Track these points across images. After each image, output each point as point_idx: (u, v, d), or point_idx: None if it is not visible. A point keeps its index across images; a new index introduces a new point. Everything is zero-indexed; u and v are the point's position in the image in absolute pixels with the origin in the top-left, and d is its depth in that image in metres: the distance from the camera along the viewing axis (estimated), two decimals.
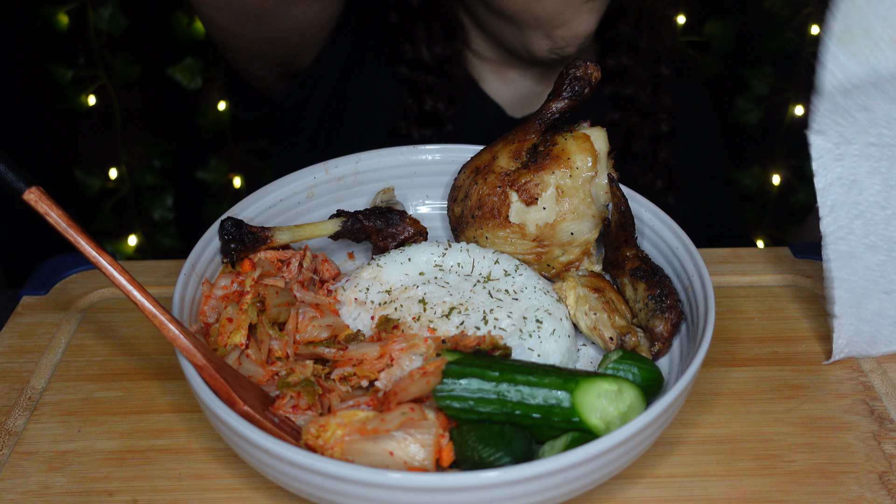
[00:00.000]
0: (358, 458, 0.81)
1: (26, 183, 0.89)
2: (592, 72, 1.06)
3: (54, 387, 1.02)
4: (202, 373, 0.85)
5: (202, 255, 1.04)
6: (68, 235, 0.88)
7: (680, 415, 0.95)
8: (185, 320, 0.96)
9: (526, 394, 0.85)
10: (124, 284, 0.87)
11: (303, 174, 1.18)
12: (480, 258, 1.06)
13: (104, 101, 2.56)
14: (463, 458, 0.83)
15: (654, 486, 0.88)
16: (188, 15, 2.48)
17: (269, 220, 1.14)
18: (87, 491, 0.88)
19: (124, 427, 0.96)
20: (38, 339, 1.10)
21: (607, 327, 0.99)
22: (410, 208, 1.24)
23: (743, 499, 0.87)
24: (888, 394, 1.00)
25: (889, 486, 0.88)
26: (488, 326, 0.96)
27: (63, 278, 1.21)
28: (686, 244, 1.04)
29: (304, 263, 1.07)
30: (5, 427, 0.96)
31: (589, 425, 0.84)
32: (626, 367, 0.92)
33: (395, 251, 1.07)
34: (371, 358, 0.91)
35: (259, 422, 0.84)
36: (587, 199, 1.05)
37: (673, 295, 1.00)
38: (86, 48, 2.48)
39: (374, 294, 1.01)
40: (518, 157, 1.08)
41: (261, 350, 0.94)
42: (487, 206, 1.08)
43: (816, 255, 1.23)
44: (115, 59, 2.51)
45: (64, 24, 2.44)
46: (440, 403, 0.85)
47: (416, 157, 1.22)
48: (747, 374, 1.03)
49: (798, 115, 2.61)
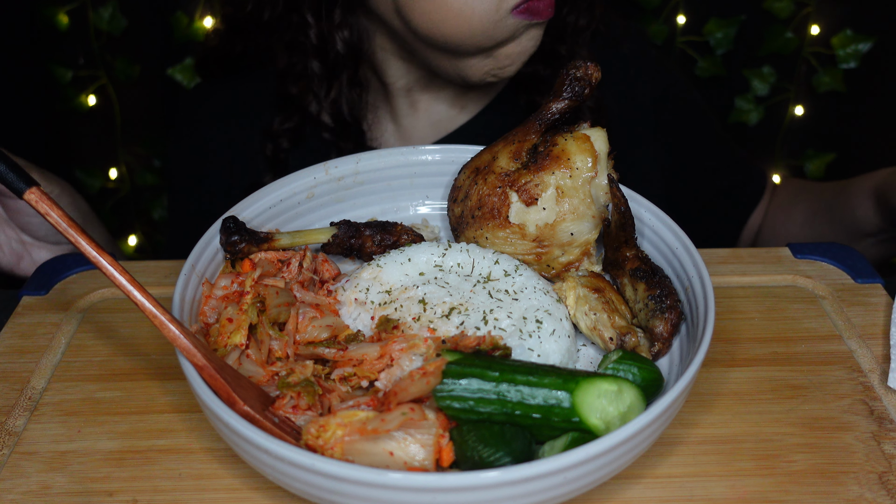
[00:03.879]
0: (358, 458, 0.81)
1: (27, 183, 0.89)
2: (593, 72, 1.06)
3: (54, 387, 1.02)
4: (202, 373, 0.85)
5: (202, 255, 1.04)
6: (68, 235, 0.88)
7: (680, 415, 0.95)
8: (185, 320, 0.96)
9: (526, 394, 0.85)
10: (124, 284, 0.87)
11: (303, 174, 1.18)
12: (480, 258, 1.06)
13: (104, 101, 2.56)
14: (463, 458, 0.83)
15: (654, 486, 0.88)
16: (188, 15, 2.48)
17: (269, 221, 1.14)
18: (87, 491, 0.88)
19: (124, 427, 0.96)
20: (38, 339, 1.10)
21: (607, 327, 0.99)
22: (410, 208, 1.24)
23: (743, 499, 0.87)
24: (888, 394, 1.00)
25: (889, 486, 0.88)
26: (488, 326, 0.96)
27: (63, 278, 1.21)
28: (686, 244, 1.04)
29: (305, 263, 1.07)
30: (5, 427, 0.96)
31: (589, 425, 0.84)
32: (626, 367, 0.92)
33: (394, 251, 1.07)
34: (371, 358, 0.91)
35: (259, 422, 0.84)
36: (587, 200, 1.05)
37: (673, 295, 1.00)
38: (86, 48, 2.48)
39: (374, 294, 1.01)
40: (518, 158, 1.08)
41: (261, 350, 0.94)
42: (487, 207, 1.08)
43: (816, 255, 1.23)
44: (115, 59, 2.51)
45: (64, 24, 2.44)
46: (440, 403, 0.85)
47: (416, 158, 1.22)
48: (747, 374, 1.03)
49: (798, 115, 2.61)
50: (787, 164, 2.70)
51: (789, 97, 2.60)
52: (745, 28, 2.51)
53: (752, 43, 2.53)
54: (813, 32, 2.49)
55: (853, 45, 2.47)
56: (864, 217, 1.48)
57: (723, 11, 2.50)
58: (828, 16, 2.47)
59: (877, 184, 1.44)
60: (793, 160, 2.70)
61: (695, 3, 2.50)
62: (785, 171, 2.70)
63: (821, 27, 2.48)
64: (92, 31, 2.46)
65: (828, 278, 1.19)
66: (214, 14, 2.44)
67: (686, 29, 2.53)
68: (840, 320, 1.11)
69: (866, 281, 1.18)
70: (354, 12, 1.47)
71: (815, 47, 2.51)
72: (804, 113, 2.61)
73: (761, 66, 2.56)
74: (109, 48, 2.50)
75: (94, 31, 2.46)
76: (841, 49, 2.48)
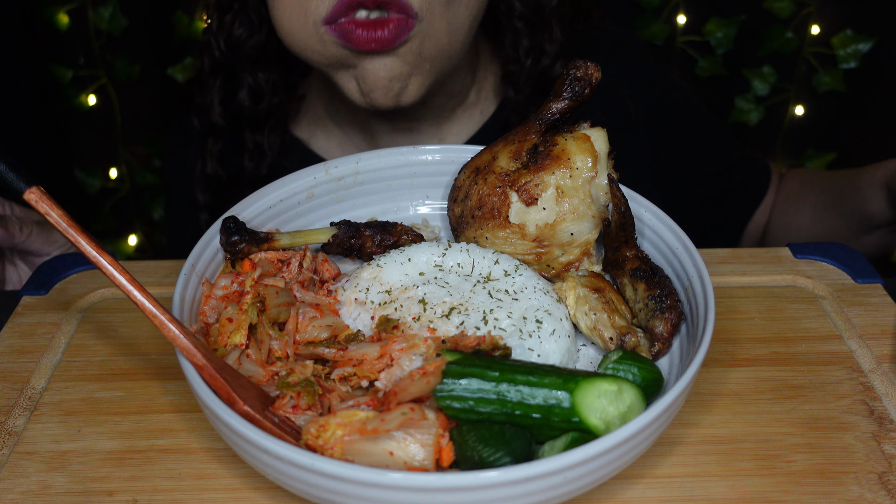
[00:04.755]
0: (358, 458, 0.81)
1: (27, 183, 0.89)
2: (593, 72, 1.06)
3: (54, 387, 1.02)
4: (202, 373, 0.85)
5: (202, 255, 1.04)
6: (68, 235, 0.88)
7: (680, 415, 0.95)
8: (185, 320, 0.96)
9: (526, 394, 0.85)
10: (124, 284, 0.87)
11: (303, 174, 1.18)
12: (480, 258, 1.06)
13: (104, 101, 2.57)
14: (463, 458, 0.83)
15: (654, 486, 0.88)
16: (188, 15, 2.48)
17: (269, 220, 1.14)
18: (87, 491, 0.88)
19: (124, 427, 0.96)
20: (38, 339, 1.10)
21: (607, 327, 0.99)
22: (410, 208, 1.24)
23: (743, 499, 0.87)
24: (888, 394, 1.00)
25: (889, 487, 0.88)
26: (488, 326, 0.96)
27: (63, 278, 1.21)
28: (686, 244, 1.04)
29: (305, 263, 1.07)
30: (5, 427, 0.96)
31: (589, 425, 0.84)
32: (626, 367, 0.92)
33: (394, 251, 1.07)
34: (371, 358, 0.91)
35: (259, 422, 0.84)
36: (587, 200, 1.05)
37: (673, 295, 1.00)
38: (86, 48, 2.48)
39: (374, 294, 1.01)
40: (518, 158, 1.08)
41: (261, 350, 0.94)
42: (487, 207, 1.08)
43: (816, 255, 1.23)
44: (115, 59, 2.51)
45: (64, 23, 2.44)
46: (440, 403, 0.85)
47: (416, 158, 1.22)
48: (747, 374, 1.03)
49: (798, 115, 2.61)
50: (787, 163, 2.70)
51: (789, 97, 2.60)
52: (746, 28, 2.51)
53: (753, 43, 2.53)
54: (813, 32, 2.49)
55: (853, 45, 2.47)
56: (877, 209, 1.47)
57: (723, 11, 2.50)
58: (828, 16, 2.47)
59: (886, 175, 1.43)
60: (793, 160, 2.70)
61: (695, 3, 2.50)
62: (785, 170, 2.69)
63: (821, 27, 2.48)
64: (92, 31, 2.46)
65: (828, 278, 1.19)
66: None
67: (686, 29, 2.53)
68: (840, 320, 1.11)
69: (866, 281, 1.18)
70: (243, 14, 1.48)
71: (816, 47, 2.51)
72: (804, 113, 2.61)
73: (761, 66, 2.56)
74: (109, 48, 2.50)
75: (94, 31, 2.46)
76: (841, 49, 2.48)
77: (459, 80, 1.53)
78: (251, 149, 1.55)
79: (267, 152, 1.56)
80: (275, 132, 1.57)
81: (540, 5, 1.49)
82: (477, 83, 1.59)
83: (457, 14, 1.31)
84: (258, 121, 1.55)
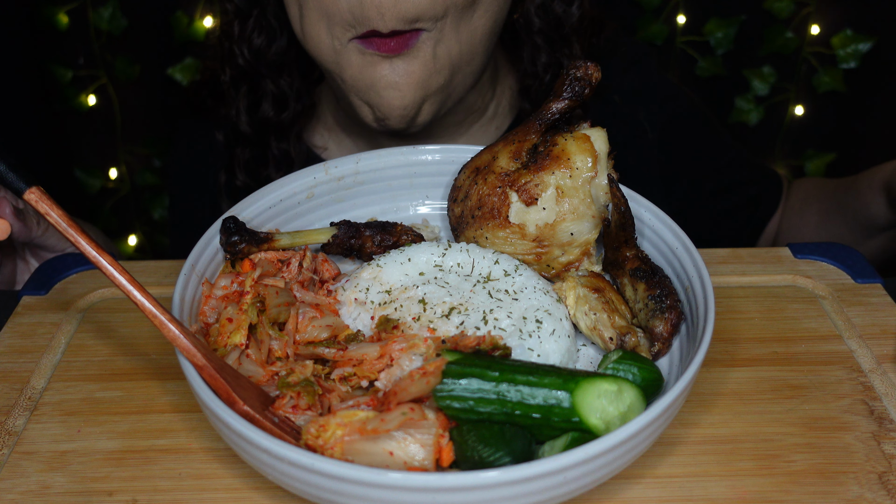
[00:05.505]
0: (358, 458, 0.81)
1: (27, 183, 0.89)
2: (593, 72, 1.06)
3: (54, 387, 1.02)
4: (202, 373, 0.85)
5: (202, 255, 1.04)
6: (68, 235, 0.88)
7: (680, 415, 0.95)
8: (185, 320, 0.96)
9: (526, 394, 0.85)
10: (124, 284, 0.87)
11: (303, 174, 1.18)
12: (480, 258, 1.06)
13: (104, 101, 2.57)
14: (463, 458, 0.83)
15: (654, 486, 0.88)
16: (188, 15, 2.48)
17: (269, 220, 1.14)
18: (87, 491, 0.88)
19: (124, 427, 0.96)
20: (38, 339, 1.10)
21: (607, 327, 0.99)
22: (410, 208, 1.24)
23: (743, 499, 0.87)
24: (888, 394, 1.00)
25: (889, 487, 0.88)
26: (488, 326, 0.96)
27: (63, 278, 1.21)
28: (686, 244, 1.04)
29: (304, 263, 1.07)
30: (5, 427, 0.96)
31: (589, 425, 0.84)
32: (625, 367, 0.92)
33: (394, 251, 1.07)
34: (371, 358, 0.91)
35: (259, 422, 0.84)
36: (587, 200, 1.05)
37: (673, 295, 1.00)
38: (86, 48, 2.48)
39: (374, 294, 1.01)
40: (518, 158, 1.08)
41: (261, 350, 0.94)
42: (487, 207, 1.08)
43: (816, 255, 1.23)
44: (115, 59, 2.52)
45: (64, 23, 2.45)
46: (440, 403, 0.85)
47: (416, 158, 1.22)
48: (747, 374, 1.03)
49: (798, 115, 2.61)
50: (787, 164, 2.70)
51: (789, 97, 2.60)
52: (746, 28, 2.51)
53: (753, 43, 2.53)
54: (813, 32, 2.49)
55: (853, 45, 2.47)
56: (877, 211, 1.47)
57: (723, 11, 2.50)
58: (828, 16, 2.47)
59: (885, 177, 1.44)
60: (793, 160, 2.70)
61: (695, 3, 2.50)
62: (785, 170, 2.70)
63: (821, 27, 2.48)
64: (92, 31, 2.46)
65: (828, 278, 1.19)
66: (214, 14, 2.44)
67: (686, 29, 2.53)
68: (840, 320, 1.11)
69: (866, 281, 1.18)
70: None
71: (815, 47, 2.51)
72: (804, 113, 2.61)
73: (761, 66, 2.56)
74: (109, 48, 2.50)
75: (94, 31, 2.46)
76: (841, 49, 2.48)
77: (480, 94, 1.53)
78: (277, 156, 1.56)
79: (295, 159, 1.56)
80: (300, 139, 1.58)
81: (560, 21, 1.49)
82: (496, 98, 1.59)
83: (470, 25, 1.32)
84: (284, 128, 1.55)
